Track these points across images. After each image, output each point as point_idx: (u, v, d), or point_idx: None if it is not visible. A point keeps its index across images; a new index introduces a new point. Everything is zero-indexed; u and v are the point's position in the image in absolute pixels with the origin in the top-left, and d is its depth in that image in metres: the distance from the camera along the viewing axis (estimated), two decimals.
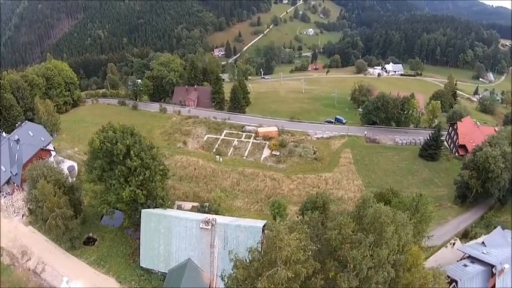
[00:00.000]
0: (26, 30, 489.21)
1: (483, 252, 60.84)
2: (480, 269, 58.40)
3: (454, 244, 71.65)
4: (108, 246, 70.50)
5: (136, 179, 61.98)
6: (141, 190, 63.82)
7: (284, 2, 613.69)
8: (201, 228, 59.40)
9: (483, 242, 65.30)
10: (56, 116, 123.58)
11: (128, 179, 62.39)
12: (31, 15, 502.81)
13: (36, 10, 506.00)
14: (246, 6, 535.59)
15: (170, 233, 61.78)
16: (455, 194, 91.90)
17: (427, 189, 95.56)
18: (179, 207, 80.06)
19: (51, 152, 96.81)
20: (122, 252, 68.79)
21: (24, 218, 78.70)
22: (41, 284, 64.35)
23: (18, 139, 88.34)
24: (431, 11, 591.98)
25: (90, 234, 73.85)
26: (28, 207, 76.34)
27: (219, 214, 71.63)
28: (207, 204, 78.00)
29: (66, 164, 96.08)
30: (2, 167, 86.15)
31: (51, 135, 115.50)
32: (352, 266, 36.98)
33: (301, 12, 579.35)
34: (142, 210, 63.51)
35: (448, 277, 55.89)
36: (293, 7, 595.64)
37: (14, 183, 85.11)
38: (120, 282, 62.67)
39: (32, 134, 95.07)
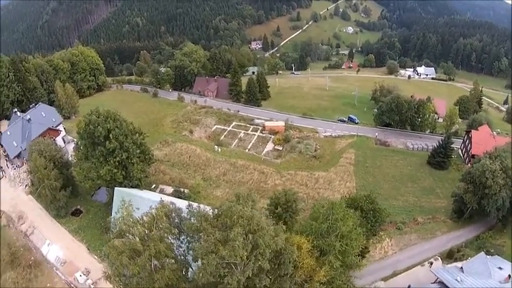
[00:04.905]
0: (64, 14, 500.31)
1: (456, 280, 52.81)
2: None
3: (431, 264, 65.99)
4: (89, 219, 77.13)
5: (114, 159, 67.56)
6: (121, 170, 69.52)
7: None
8: None
9: (462, 268, 57.59)
10: (75, 99, 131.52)
11: (107, 159, 68.01)
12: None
13: None
14: (286, 0, 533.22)
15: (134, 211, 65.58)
16: (453, 207, 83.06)
17: (425, 199, 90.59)
18: (161, 191, 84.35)
19: (60, 131, 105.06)
20: (100, 225, 74.49)
21: (27, 188, 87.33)
22: (27, 243, 72.22)
23: (29, 118, 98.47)
24: (472, 17, 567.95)
25: (78, 207, 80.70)
26: (30, 179, 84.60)
27: (190, 200, 74.26)
28: (183, 189, 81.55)
29: (73, 144, 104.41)
30: (14, 142, 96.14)
31: (68, 117, 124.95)
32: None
33: (341, 10, 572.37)
34: (115, 188, 68.59)
35: None
36: (334, 4, 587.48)
37: (23, 157, 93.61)
38: (89, 249, 69.18)
39: (44, 115, 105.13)
